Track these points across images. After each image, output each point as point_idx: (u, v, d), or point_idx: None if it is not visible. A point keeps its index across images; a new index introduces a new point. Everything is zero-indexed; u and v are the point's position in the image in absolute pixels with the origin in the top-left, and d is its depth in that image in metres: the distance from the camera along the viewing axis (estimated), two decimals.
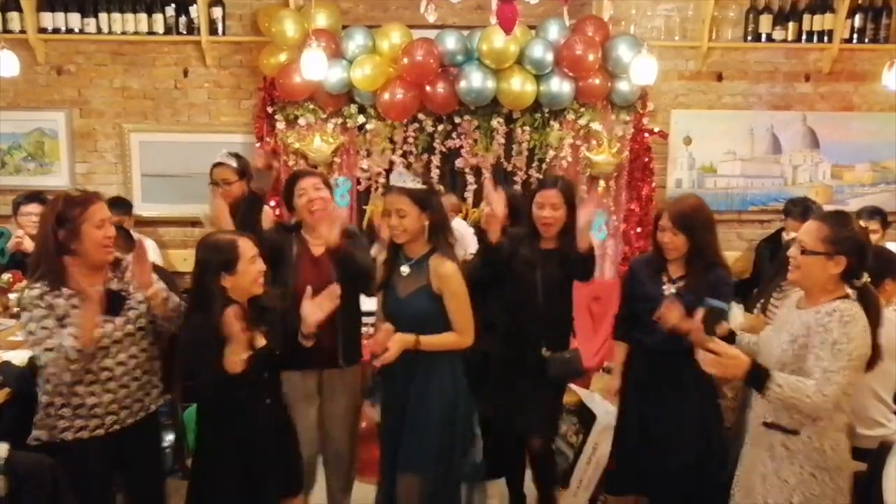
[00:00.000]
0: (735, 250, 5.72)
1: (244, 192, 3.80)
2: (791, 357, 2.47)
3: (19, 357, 3.52)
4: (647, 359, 3.21)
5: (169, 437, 4.05)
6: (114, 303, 2.79)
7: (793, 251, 2.53)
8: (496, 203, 3.26)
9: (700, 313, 2.72)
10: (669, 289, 3.11)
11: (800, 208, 4.91)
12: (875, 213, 4.93)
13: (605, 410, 3.81)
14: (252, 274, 2.71)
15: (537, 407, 3.48)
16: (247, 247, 2.72)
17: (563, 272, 3.41)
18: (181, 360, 3.07)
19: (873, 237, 4.75)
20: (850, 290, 2.52)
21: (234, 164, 4.01)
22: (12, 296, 4.32)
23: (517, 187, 5.19)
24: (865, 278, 2.53)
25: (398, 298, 2.97)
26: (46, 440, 2.78)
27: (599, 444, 3.78)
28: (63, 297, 2.68)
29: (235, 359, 2.56)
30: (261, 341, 2.76)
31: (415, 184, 2.93)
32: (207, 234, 2.93)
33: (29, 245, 4.61)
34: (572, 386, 4.09)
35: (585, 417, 3.86)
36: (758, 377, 2.36)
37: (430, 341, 2.90)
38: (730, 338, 2.77)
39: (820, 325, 2.41)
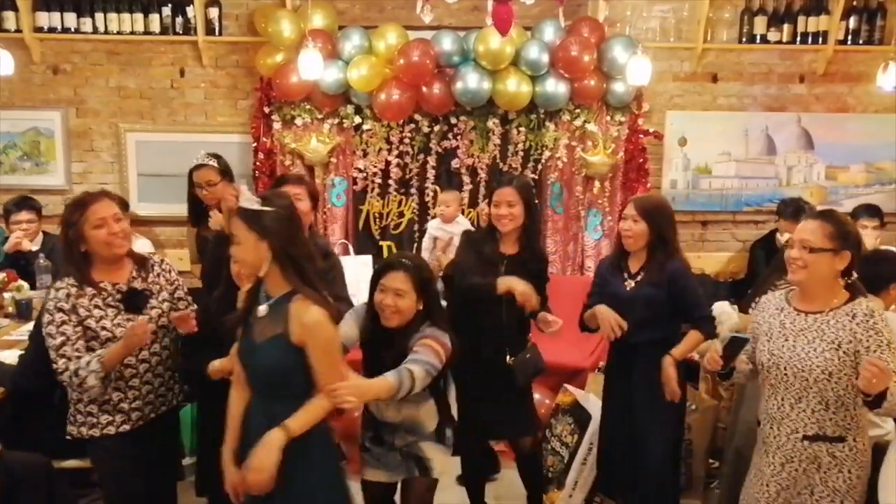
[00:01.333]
0: (729, 251, 5.75)
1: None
2: (837, 364, 2.46)
3: (13, 356, 3.53)
4: (619, 353, 3.34)
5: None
6: (136, 301, 2.85)
7: (795, 252, 2.53)
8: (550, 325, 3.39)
9: (722, 344, 2.69)
10: (630, 284, 3.25)
11: (791, 208, 4.93)
12: (873, 211, 4.95)
13: (593, 409, 3.83)
14: (234, 271, 2.79)
15: (516, 410, 3.48)
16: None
17: (525, 277, 3.31)
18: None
19: (872, 234, 4.80)
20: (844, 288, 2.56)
21: (215, 164, 3.95)
22: (7, 295, 4.33)
23: None
24: (853, 275, 2.58)
25: (252, 343, 2.41)
26: (76, 436, 2.85)
27: (595, 444, 3.80)
28: (87, 297, 2.75)
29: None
30: None
31: (255, 205, 2.35)
32: None
33: (27, 245, 4.62)
34: (568, 386, 4.11)
35: (581, 417, 3.87)
36: (879, 396, 2.35)
37: (301, 421, 2.32)
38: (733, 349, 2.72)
39: (868, 329, 2.44)
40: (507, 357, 3.38)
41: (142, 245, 4.71)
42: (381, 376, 2.56)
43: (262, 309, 2.38)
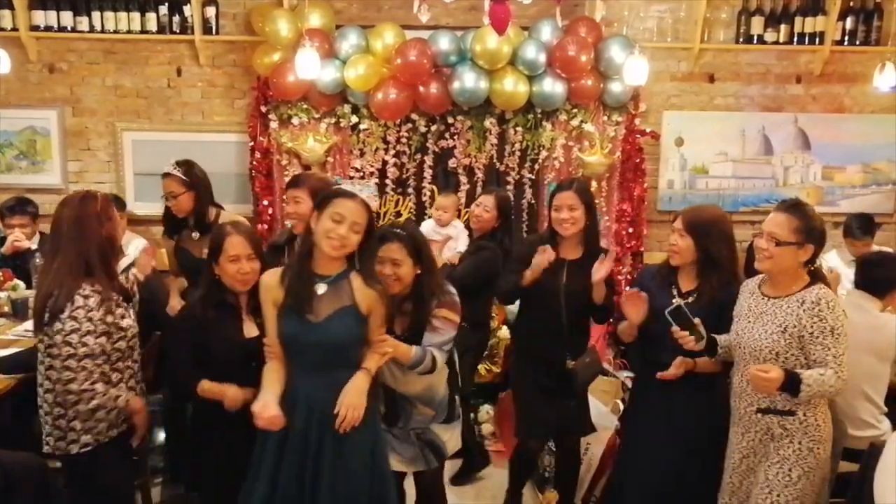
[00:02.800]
0: None
1: (194, 206, 3.68)
2: (784, 346, 2.65)
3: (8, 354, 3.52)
4: (658, 378, 2.97)
5: (160, 437, 4.05)
6: (127, 295, 2.91)
7: (763, 242, 2.70)
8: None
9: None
10: (679, 302, 2.87)
11: None
12: (866, 228, 4.88)
13: (598, 411, 3.83)
14: (230, 272, 2.79)
15: (577, 411, 3.56)
16: (232, 245, 2.79)
17: (587, 280, 3.28)
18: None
19: (863, 250, 4.72)
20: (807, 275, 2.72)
21: (180, 174, 3.66)
22: (2, 294, 4.31)
23: (509, 188, 5.22)
24: (817, 262, 2.76)
25: (310, 322, 2.56)
26: (64, 452, 2.79)
27: (591, 445, 3.80)
28: (112, 301, 2.75)
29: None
30: (252, 331, 2.83)
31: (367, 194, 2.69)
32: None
33: (25, 245, 4.61)
34: None
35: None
36: (793, 384, 2.54)
37: (373, 364, 2.66)
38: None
39: (813, 315, 2.60)
40: (568, 360, 3.38)
41: (137, 244, 4.71)
42: (408, 346, 2.78)
43: (322, 287, 2.58)
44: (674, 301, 2.87)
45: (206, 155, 4.79)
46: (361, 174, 5.24)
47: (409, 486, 3.24)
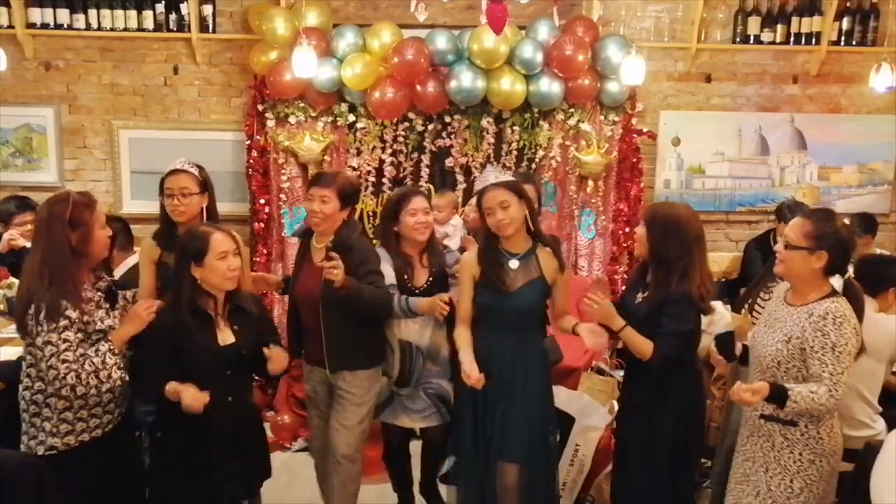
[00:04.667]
0: (722, 251, 5.76)
1: (201, 212, 3.25)
2: (786, 356, 2.62)
3: (5, 354, 3.52)
4: (641, 373, 3.05)
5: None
6: (113, 297, 2.87)
7: (779, 246, 2.70)
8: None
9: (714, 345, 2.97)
10: (639, 297, 3.03)
11: (792, 214, 4.90)
12: (867, 226, 4.91)
13: (583, 411, 3.82)
14: (220, 270, 2.74)
15: None
16: (219, 242, 2.75)
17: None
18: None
19: (863, 248, 4.76)
20: (834, 285, 2.66)
21: (195, 172, 3.25)
22: None
23: None
24: (849, 273, 2.72)
25: (505, 292, 3.05)
26: (45, 452, 2.74)
27: (581, 446, 3.79)
28: (84, 301, 2.68)
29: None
30: (228, 338, 2.81)
31: (505, 176, 3.13)
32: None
33: (22, 243, 4.59)
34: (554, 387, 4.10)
35: (560, 419, 3.85)
36: (779, 396, 2.52)
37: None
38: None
39: (817, 329, 2.56)
40: None
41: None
42: None
43: (514, 263, 3.08)
44: (638, 295, 3.00)
45: (203, 153, 4.77)
46: (358, 173, 5.24)
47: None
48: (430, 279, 3.42)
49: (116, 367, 2.68)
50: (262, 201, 5.24)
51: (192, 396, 2.66)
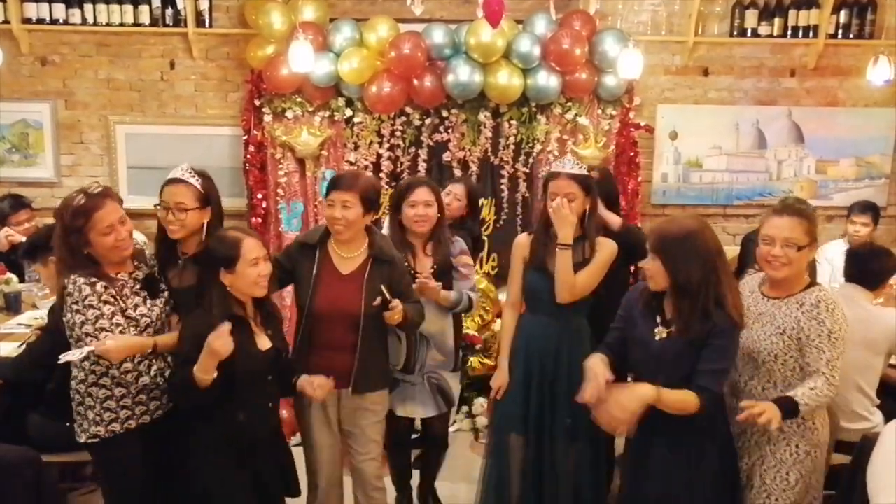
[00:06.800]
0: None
1: (202, 228, 2.86)
2: (782, 349, 2.62)
3: (4, 349, 3.52)
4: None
5: None
6: (154, 287, 2.80)
7: (778, 250, 2.62)
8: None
9: None
10: (661, 333, 2.58)
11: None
12: (868, 207, 4.95)
13: None
14: (251, 276, 2.64)
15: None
16: (250, 248, 2.64)
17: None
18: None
19: (863, 231, 4.81)
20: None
21: (196, 183, 2.84)
22: None
23: (503, 181, 5.22)
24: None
25: (553, 275, 3.11)
26: (89, 439, 2.73)
27: None
28: (113, 289, 2.66)
29: (201, 375, 2.51)
30: (265, 343, 2.73)
31: (580, 169, 3.15)
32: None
33: (19, 239, 4.60)
34: None
35: None
36: (791, 409, 2.48)
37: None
38: None
39: (811, 318, 2.58)
40: None
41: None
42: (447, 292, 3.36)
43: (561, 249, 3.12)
44: (656, 331, 2.58)
45: (200, 148, 4.79)
46: (356, 167, 5.23)
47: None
48: (433, 269, 3.39)
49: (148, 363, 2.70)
50: (259, 196, 5.23)
51: (215, 338, 2.49)
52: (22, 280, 4.40)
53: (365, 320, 2.92)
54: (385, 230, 3.51)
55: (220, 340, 2.48)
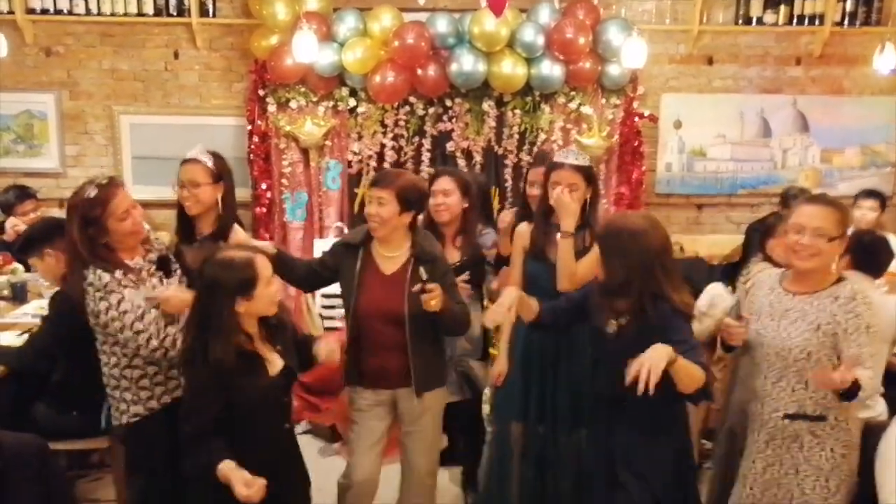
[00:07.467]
0: (724, 234, 5.75)
1: (216, 203, 3.07)
2: (816, 345, 2.48)
3: (9, 339, 3.53)
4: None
5: None
6: (168, 266, 2.88)
7: (808, 240, 2.46)
8: None
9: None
10: (612, 326, 2.58)
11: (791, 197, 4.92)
12: (873, 193, 4.95)
13: None
14: (269, 296, 2.44)
15: None
16: (264, 265, 2.44)
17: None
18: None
19: (870, 216, 4.81)
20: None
21: (209, 162, 3.06)
22: (2, 278, 4.33)
23: (507, 171, 5.22)
24: None
25: (553, 263, 3.09)
26: (124, 425, 2.77)
27: None
28: (130, 278, 2.71)
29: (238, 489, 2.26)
30: (277, 363, 2.53)
31: (583, 160, 3.12)
32: (214, 249, 2.57)
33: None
34: None
35: None
36: (851, 391, 2.33)
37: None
38: None
39: (848, 311, 2.45)
40: None
41: None
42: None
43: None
44: (610, 323, 2.56)
45: (204, 138, 4.69)
46: (359, 157, 5.23)
47: None
48: (462, 261, 3.41)
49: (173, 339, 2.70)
50: (263, 186, 5.24)
51: (243, 482, 2.26)
52: (28, 270, 4.41)
53: (410, 320, 2.88)
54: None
55: (252, 490, 2.25)
